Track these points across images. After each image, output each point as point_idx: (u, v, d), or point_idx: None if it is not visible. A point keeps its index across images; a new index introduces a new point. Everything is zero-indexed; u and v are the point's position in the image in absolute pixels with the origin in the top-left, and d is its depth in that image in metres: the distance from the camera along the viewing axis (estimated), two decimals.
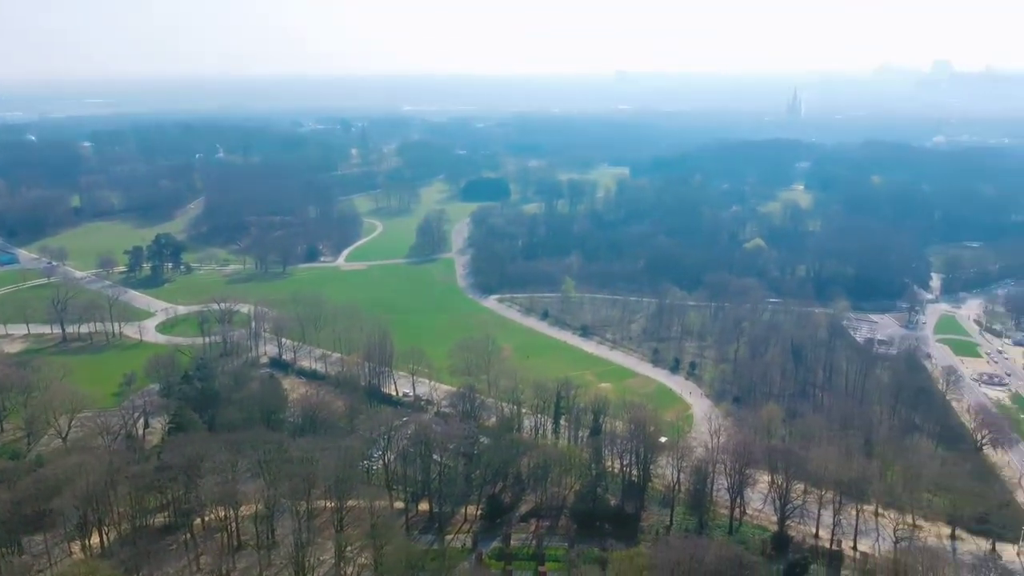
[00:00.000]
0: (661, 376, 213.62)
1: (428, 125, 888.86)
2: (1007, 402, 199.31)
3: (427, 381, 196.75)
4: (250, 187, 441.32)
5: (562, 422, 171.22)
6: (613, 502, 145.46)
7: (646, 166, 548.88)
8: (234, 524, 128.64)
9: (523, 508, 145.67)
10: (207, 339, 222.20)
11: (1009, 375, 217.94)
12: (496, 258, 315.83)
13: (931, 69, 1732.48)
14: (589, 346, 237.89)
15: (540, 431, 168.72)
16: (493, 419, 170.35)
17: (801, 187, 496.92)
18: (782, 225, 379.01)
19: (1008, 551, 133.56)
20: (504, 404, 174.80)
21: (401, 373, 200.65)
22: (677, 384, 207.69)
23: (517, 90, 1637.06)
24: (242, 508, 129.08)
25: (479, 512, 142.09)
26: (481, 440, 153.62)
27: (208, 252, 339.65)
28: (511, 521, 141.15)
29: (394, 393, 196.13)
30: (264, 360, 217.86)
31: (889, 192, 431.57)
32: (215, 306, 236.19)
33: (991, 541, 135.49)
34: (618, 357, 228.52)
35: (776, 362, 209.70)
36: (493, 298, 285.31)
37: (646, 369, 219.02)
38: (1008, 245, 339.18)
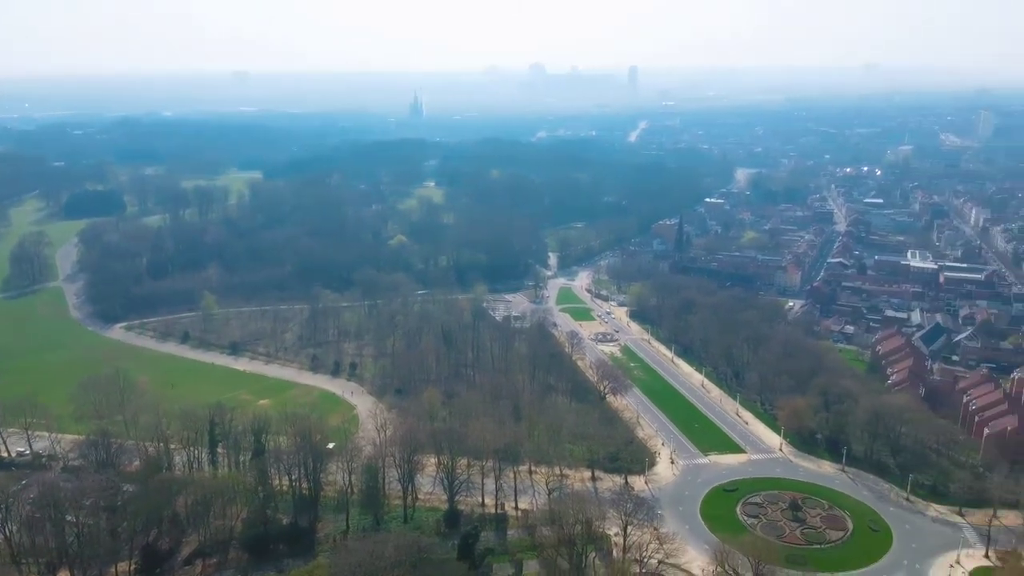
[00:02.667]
0: (323, 382, 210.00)
1: (9, 134, 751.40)
2: (619, 354, 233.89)
3: (47, 434, 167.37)
4: None
5: (219, 450, 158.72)
6: (286, 520, 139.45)
7: (280, 168, 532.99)
8: None
9: (186, 551, 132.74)
10: None
11: (617, 332, 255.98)
12: (117, 281, 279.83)
13: (529, 71, 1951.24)
14: (241, 363, 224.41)
15: (195, 464, 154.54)
16: (137, 462, 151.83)
17: (432, 184, 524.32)
18: (420, 220, 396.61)
19: (638, 482, 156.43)
20: (148, 443, 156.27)
21: (12, 429, 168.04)
22: (339, 387, 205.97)
23: (120, 91, 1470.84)
24: None
25: (133, 567, 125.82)
26: (125, 488, 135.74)
27: None
28: (173, 568, 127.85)
29: (5, 454, 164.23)
30: None
31: (506, 184, 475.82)
32: None
33: (624, 476, 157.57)
34: (275, 370, 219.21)
35: (430, 349, 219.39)
36: (119, 327, 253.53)
37: (306, 377, 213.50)
38: (604, 224, 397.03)
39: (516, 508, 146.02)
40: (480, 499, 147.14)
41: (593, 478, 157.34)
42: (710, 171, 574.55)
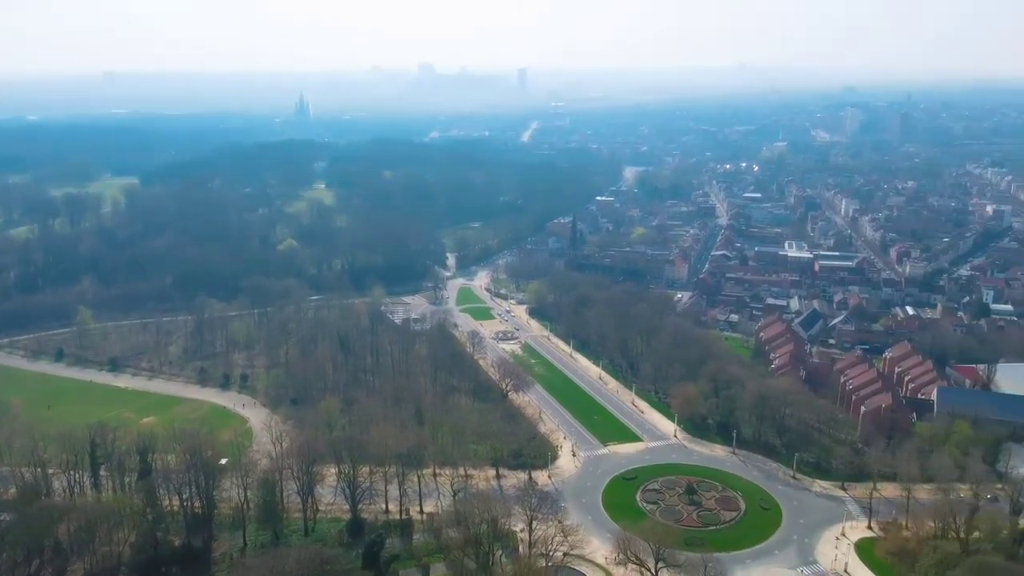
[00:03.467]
0: (212, 395, 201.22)
1: None
2: (520, 352, 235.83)
3: None
4: None
5: (103, 472, 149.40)
6: (178, 542, 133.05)
7: (158, 173, 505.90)
8: None
9: None
10: None
11: (518, 330, 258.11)
12: None
13: (418, 71, 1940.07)
14: (123, 380, 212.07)
15: (77, 488, 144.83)
16: (12, 490, 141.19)
17: (323, 186, 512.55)
18: (311, 223, 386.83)
19: (542, 477, 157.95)
20: (24, 469, 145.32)
21: None
22: (230, 400, 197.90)
23: None
24: None
25: None
26: (1, 517, 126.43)
27: None
28: None
29: None
30: None
31: (401, 184, 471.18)
32: None
33: (528, 472, 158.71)
34: (159, 386, 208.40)
35: (327, 357, 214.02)
36: None
37: (194, 392, 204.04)
38: (501, 223, 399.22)
39: (421, 512, 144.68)
40: (384, 506, 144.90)
41: (497, 476, 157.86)
42: (600, 170, 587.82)
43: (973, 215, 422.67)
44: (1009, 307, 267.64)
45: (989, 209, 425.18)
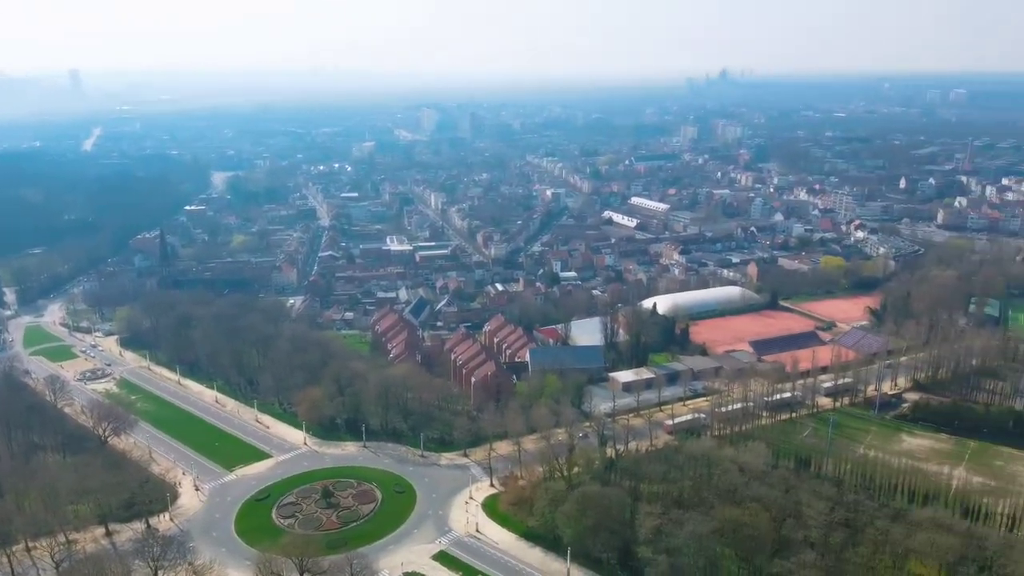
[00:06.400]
0: None
1: None
2: (116, 389, 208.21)
3: None
4: None
5: None
6: None
7: None
8: None
9: None
10: None
11: (109, 364, 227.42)
12: None
13: None
14: None
15: None
16: None
17: None
18: None
19: (163, 522, 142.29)
20: None
21: None
22: None
23: None
24: None
25: None
26: None
27: None
28: None
29: None
30: None
31: None
32: None
33: (144, 520, 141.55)
34: None
35: None
36: None
37: None
38: (71, 245, 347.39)
39: None
40: None
41: (108, 533, 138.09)
42: (185, 177, 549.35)
43: (537, 199, 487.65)
44: (573, 274, 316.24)
45: (549, 193, 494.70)
